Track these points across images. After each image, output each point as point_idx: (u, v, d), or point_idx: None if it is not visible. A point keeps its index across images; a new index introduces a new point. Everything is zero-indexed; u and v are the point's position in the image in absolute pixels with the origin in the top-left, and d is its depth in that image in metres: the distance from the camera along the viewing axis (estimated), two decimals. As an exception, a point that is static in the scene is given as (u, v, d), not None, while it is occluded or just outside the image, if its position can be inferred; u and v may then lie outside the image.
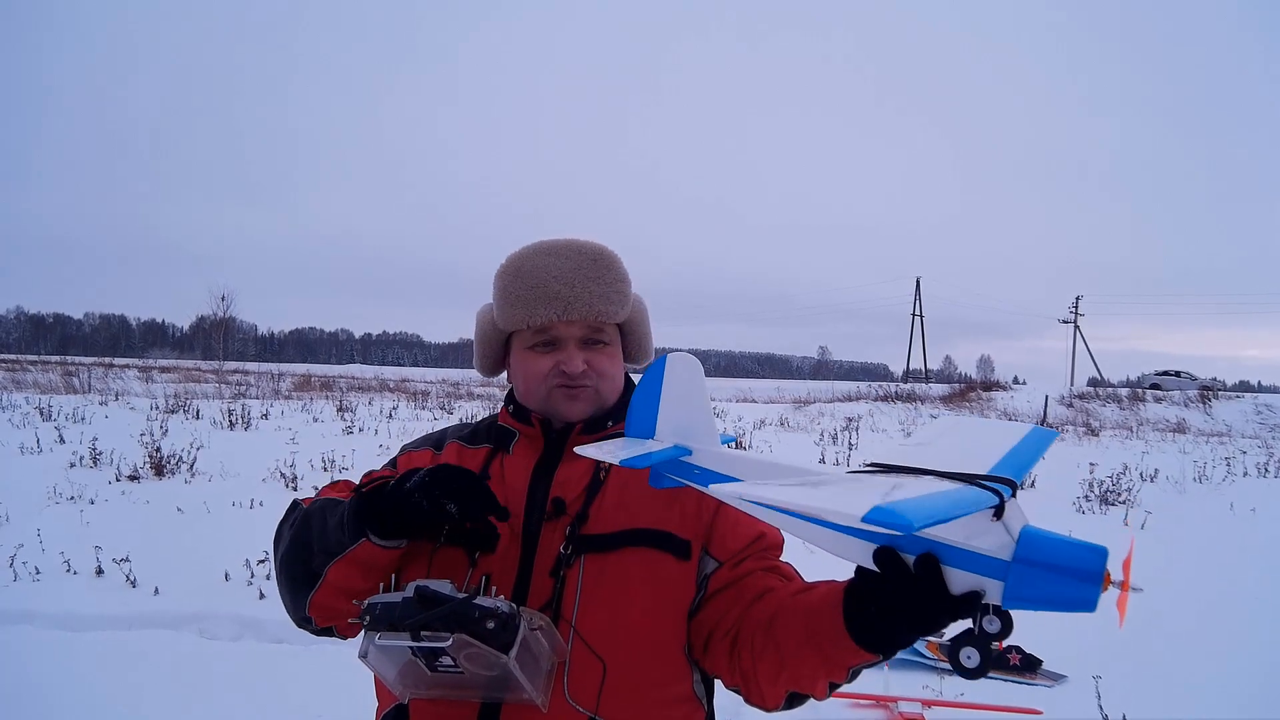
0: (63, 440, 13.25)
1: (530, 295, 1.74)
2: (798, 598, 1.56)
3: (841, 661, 1.44)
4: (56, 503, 9.21)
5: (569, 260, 1.76)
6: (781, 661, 1.53)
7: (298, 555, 1.66)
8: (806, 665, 1.49)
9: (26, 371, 33.22)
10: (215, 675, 5.02)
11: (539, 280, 1.74)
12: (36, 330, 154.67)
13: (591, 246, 1.81)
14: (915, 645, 5.63)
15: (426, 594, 1.41)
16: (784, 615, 1.54)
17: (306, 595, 1.65)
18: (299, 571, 1.66)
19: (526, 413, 1.82)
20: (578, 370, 1.75)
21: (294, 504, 1.81)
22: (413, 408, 25.02)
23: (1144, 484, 12.90)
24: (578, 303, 1.73)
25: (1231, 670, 5.57)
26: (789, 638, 1.51)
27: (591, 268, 1.77)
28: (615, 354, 1.84)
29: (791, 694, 1.59)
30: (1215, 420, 31.37)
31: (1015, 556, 1.16)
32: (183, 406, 20.06)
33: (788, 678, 1.54)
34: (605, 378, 1.80)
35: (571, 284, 1.74)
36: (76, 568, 6.86)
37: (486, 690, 1.50)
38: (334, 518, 1.60)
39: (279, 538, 1.76)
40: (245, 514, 9.13)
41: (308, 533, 1.65)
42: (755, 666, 1.57)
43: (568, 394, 1.77)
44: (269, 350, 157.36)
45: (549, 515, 1.69)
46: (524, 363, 1.81)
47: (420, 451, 1.90)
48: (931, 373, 78.40)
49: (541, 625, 1.50)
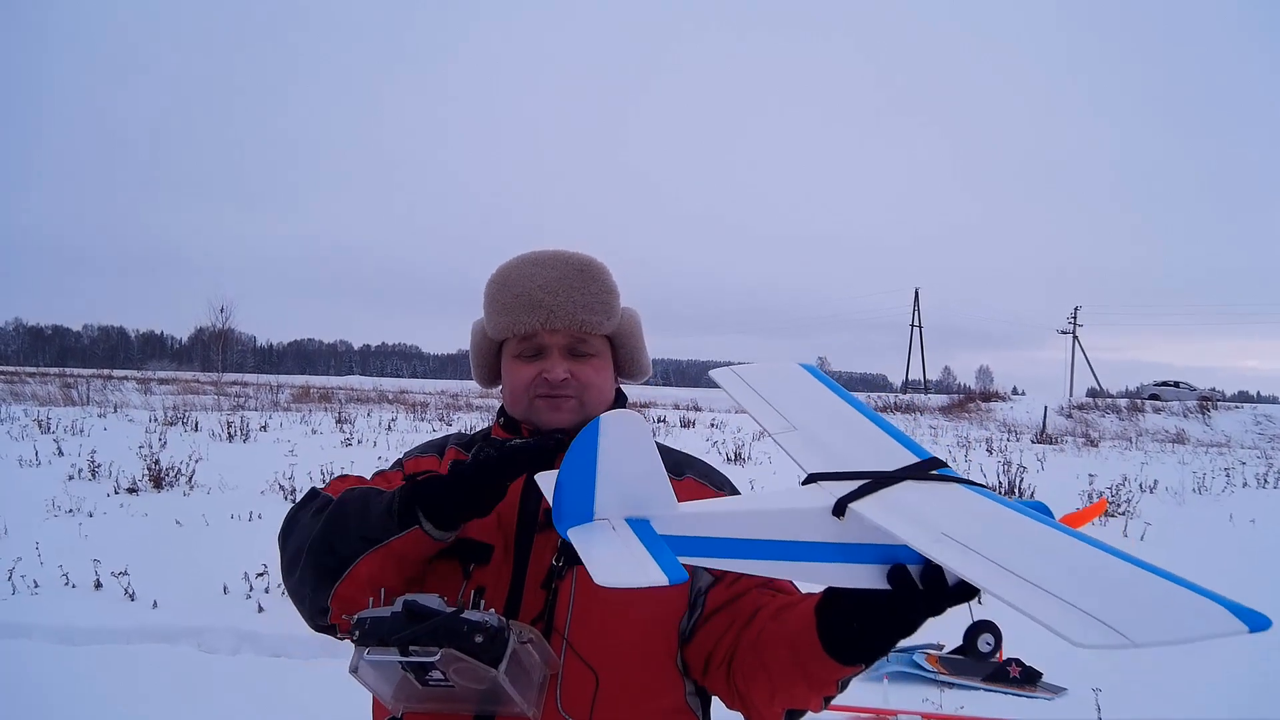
0: (61, 453, 13.26)
1: (515, 304, 1.75)
2: (778, 620, 1.57)
3: (828, 679, 1.47)
4: (55, 515, 9.21)
5: (554, 270, 1.77)
6: (772, 685, 1.55)
7: (329, 543, 1.58)
8: (797, 687, 1.52)
9: (25, 383, 33.28)
10: (214, 688, 5.01)
11: (524, 289, 1.74)
12: (35, 342, 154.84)
13: (578, 257, 1.81)
14: (915, 659, 5.62)
15: (415, 609, 1.41)
16: (767, 639, 1.56)
17: (331, 585, 1.57)
18: (328, 560, 1.58)
19: (516, 425, 1.82)
20: (559, 379, 1.74)
21: (313, 491, 1.76)
22: (412, 419, 25.04)
23: (1143, 495, 12.91)
24: (561, 311, 1.73)
25: (1230, 683, 5.56)
26: (775, 662, 1.53)
27: (577, 278, 1.77)
28: (601, 365, 1.82)
29: (790, 711, 1.61)
30: (1215, 431, 31.42)
31: None
32: (181, 418, 20.10)
33: (782, 699, 1.57)
34: (590, 388, 1.78)
35: (556, 293, 1.74)
36: (75, 581, 6.85)
37: (478, 703, 1.50)
38: (379, 505, 1.55)
39: (294, 524, 1.69)
40: (244, 526, 9.13)
41: (344, 519, 1.58)
42: (750, 690, 1.59)
43: (550, 403, 1.76)
44: (268, 362, 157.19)
45: (541, 526, 1.69)
46: (510, 371, 1.81)
47: (425, 458, 1.90)
48: (930, 383, 78.42)
49: (532, 639, 1.51)
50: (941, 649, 5.77)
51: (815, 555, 1.25)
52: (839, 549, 1.25)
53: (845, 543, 1.26)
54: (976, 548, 1.14)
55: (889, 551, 1.26)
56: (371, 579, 1.54)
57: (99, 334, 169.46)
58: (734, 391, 1.69)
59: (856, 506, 1.25)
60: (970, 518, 1.23)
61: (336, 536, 1.57)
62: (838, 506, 1.26)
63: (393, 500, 1.53)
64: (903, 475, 1.32)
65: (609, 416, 1.20)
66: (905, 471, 1.32)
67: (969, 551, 1.14)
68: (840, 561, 1.26)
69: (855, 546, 1.26)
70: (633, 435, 1.22)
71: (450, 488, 1.50)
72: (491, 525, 1.72)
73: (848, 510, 1.25)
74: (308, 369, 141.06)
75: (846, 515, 1.25)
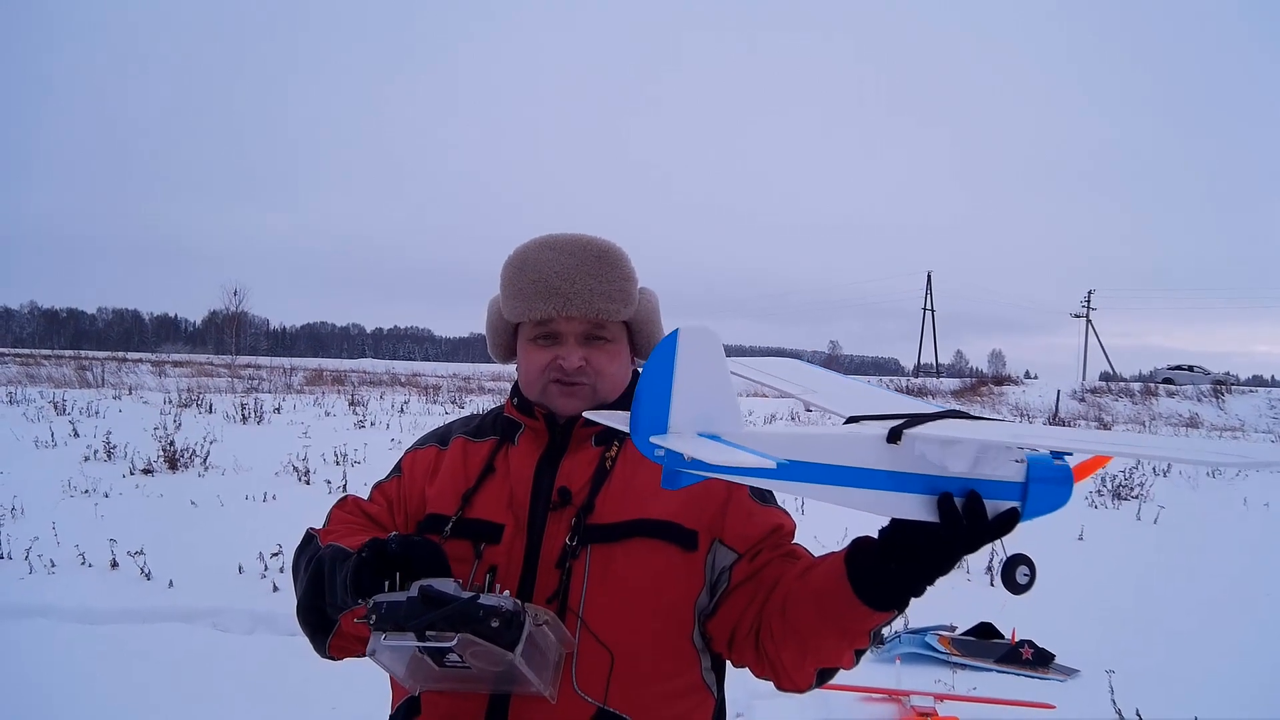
0: (77, 434, 13.34)
1: (531, 289, 1.74)
2: (803, 580, 1.58)
3: (861, 629, 1.50)
4: (71, 496, 9.28)
5: (572, 256, 1.75)
6: (804, 645, 1.56)
7: (312, 604, 1.69)
8: (829, 641, 1.54)
9: (41, 366, 33.48)
10: (229, 668, 5.04)
11: (540, 275, 1.73)
12: (50, 325, 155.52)
13: (597, 243, 1.79)
14: (928, 640, 5.62)
15: (431, 594, 1.41)
16: (794, 600, 1.57)
17: (325, 640, 1.71)
18: (315, 619, 1.70)
19: (530, 404, 1.82)
20: (574, 366, 1.74)
21: (308, 536, 1.81)
22: (424, 402, 25.10)
23: (1157, 479, 12.85)
24: (577, 299, 1.72)
25: (1244, 664, 5.55)
26: (804, 621, 1.54)
27: (594, 264, 1.75)
28: (617, 352, 1.81)
29: (821, 671, 1.63)
30: (1228, 415, 31.24)
31: (1030, 477, 1.35)
32: (196, 401, 20.19)
33: (813, 658, 1.59)
34: (603, 376, 1.78)
35: (572, 280, 1.72)
36: (91, 561, 6.89)
37: (494, 684, 1.52)
38: (340, 574, 1.59)
39: (295, 572, 1.79)
40: (259, 507, 9.19)
41: (319, 584, 1.66)
42: (780, 654, 1.60)
43: (563, 389, 1.76)
44: (281, 345, 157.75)
45: (554, 505, 1.70)
46: (525, 355, 1.81)
47: (425, 449, 1.91)
48: (942, 367, 78.05)
49: (548, 620, 1.52)
50: (954, 630, 5.78)
51: (871, 482, 1.30)
52: (891, 477, 1.30)
53: (897, 471, 1.31)
54: (1065, 437, 1.28)
55: (935, 482, 1.32)
56: (355, 632, 1.64)
57: (113, 317, 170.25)
58: (745, 374, 1.71)
59: (912, 432, 1.30)
60: (1031, 430, 1.35)
61: (317, 600, 1.68)
62: (892, 433, 1.30)
63: (346, 573, 1.56)
64: (940, 414, 1.36)
65: (687, 330, 1.21)
66: (941, 413, 1.37)
67: (1059, 440, 1.27)
68: (893, 490, 1.31)
69: (906, 476, 1.31)
70: (708, 351, 1.23)
71: (364, 568, 1.50)
72: (502, 504, 1.73)
73: (903, 437, 1.30)
74: (320, 352, 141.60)
75: (902, 442, 1.30)
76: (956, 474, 1.32)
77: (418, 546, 1.51)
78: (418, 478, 1.85)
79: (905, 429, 1.30)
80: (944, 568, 1.35)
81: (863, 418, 1.41)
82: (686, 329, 1.20)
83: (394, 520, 1.83)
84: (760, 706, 4.65)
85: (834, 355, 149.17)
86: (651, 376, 1.20)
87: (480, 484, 1.77)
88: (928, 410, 1.40)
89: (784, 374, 1.73)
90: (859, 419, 1.41)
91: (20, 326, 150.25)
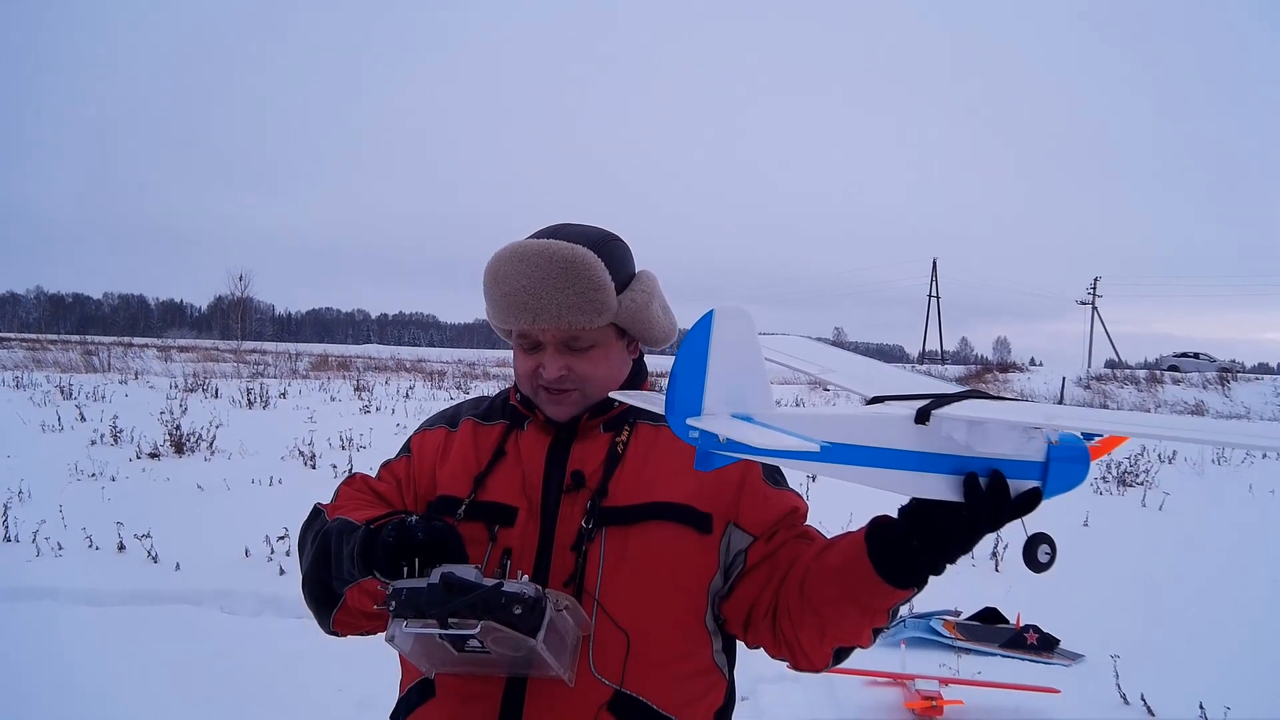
0: (83, 418, 13.38)
1: (504, 303, 1.71)
2: (821, 560, 1.58)
3: (881, 606, 1.50)
4: (78, 480, 9.31)
5: (538, 269, 1.67)
6: (823, 624, 1.57)
7: (318, 577, 1.69)
8: (848, 619, 1.54)
9: (47, 351, 33.54)
10: (236, 650, 5.06)
11: (509, 289, 1.69)
12: (56, 310, 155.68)
13: (564, 253, 1.68)
14: (933, 625, 5.63)
15: (452, 580, 1.41)
16: (812, 579, 1.57)
17: (330, 613, 1.70)
18: (320, 592, 1.70)
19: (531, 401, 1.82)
20: (554, 377, 1.72)
21: (315, 511, 1.81)
22: (429, 387, 25.12)
23: (1162, 465, 12.84)
24: (545, 314, 1.67)
25: (1249, 649, 5.55)
26: (824, 600, 1.54)
27: (560, 277, 1.66)
28: (601, 355, 1.76)
29: (838, 650, 1.63)
30: (1234, 402, 31.13)
31: (1051, 457, 1.37)
32: (202, 385, 20.23)
33: (832, 636, 1.59)
34: (589, 381, 1.75)
35: (539, 295, 1.67)
36: (98, 544, 6.92)
37: (512, 667, 1.52)
38: (347, 547, 1.59)
39: (302, 547, 1.79)
40: (265, 491, 9.23)
41: (325, 557, 1.67)
42: (798, 634, 1.60)
43: (551, 396, 1.75)
44: (286, 330, 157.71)
45: (568, 488, 1.70)
46: (515, 356, 1.81)
47: (434, 430, 1.90)
48: (948, 354, 77.98)
49: (568, 605, 1.52)
50: (958, 615, 5.78)
51: (901, 463, 1.30)
52: (920, 457, 1.31)
53: (924, 451, 1.31)
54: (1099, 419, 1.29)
55: (962, 462, 1.33)
56: (361, 607, 1.64)
57: (119, 302, 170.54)
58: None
59: (940, 413, 1.30)
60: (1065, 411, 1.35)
61: (323, 573, 1.67)
62: (920, 414, 1.31)
63: (354, 546, 1.57)
64: (963, 395, 1.36)
65: (722, 312, 1.19)
66: (964, 393, 1.37)
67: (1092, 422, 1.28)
68: (921, 470, 1.32)
69: (934, 456, 1.32)
70: (743, 332, 1.22)
71: (390, 551, 1.50)
72: (515, 487, 1.72)
73: (931, 417, 1.30)
74: (326, 337, 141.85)
75: (930, 422, 1.30)
76: (982, 454, 1.33)
77: (441, 532, 1.51)
78: (427, 458, 1.84)
79: (933, 410, 1.31)
80: (966, 546, 1.37)
81: (885, 398, 1.41)
82: (721, 309, 1.18)
83: (403, 499, 1.83)
84: (766, 690, 4.67)
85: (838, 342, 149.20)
86: (686, 358, 1.19)
87: (492, 467, 1.76)
88: (951, 391, 1.40)
89: (800, 353, 1.72)
90: (882, 399, 1.41)
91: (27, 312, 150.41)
